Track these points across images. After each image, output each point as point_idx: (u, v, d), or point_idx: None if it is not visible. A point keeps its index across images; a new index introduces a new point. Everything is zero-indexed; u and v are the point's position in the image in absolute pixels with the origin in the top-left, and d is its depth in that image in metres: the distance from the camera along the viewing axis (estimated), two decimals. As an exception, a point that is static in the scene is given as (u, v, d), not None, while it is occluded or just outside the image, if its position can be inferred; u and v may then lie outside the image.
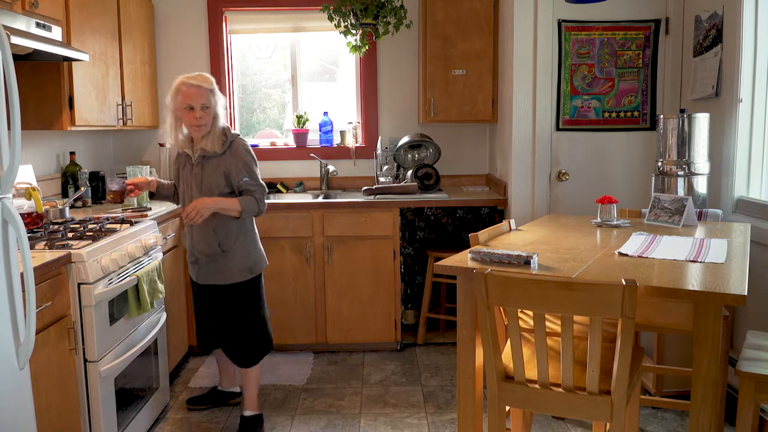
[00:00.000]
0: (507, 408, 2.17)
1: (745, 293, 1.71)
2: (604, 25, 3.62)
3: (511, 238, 2.54)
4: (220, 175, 2.79)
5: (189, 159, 2.86)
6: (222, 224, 2.83)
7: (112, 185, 3.08)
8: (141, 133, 4.42)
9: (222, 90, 4.39)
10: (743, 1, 2.92)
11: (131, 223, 2.94)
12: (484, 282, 1.83)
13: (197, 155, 2.81)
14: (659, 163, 3.12)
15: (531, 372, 1.90)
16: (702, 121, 3.00)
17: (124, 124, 3.67)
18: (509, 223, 2.74)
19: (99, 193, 3.84)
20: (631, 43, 3.63)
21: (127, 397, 2.69)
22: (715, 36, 3.16)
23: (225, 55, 4.42)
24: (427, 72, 4.09)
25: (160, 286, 2.93)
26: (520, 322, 1.98)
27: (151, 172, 3.84)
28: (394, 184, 4.04)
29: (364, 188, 4.05)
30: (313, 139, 4.54)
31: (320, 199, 4.01)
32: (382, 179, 4.23)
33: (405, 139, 4.27)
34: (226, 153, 2.80)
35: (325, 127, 4.49)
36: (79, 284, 2.37)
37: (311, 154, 4.43)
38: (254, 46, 4.63)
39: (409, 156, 4.43)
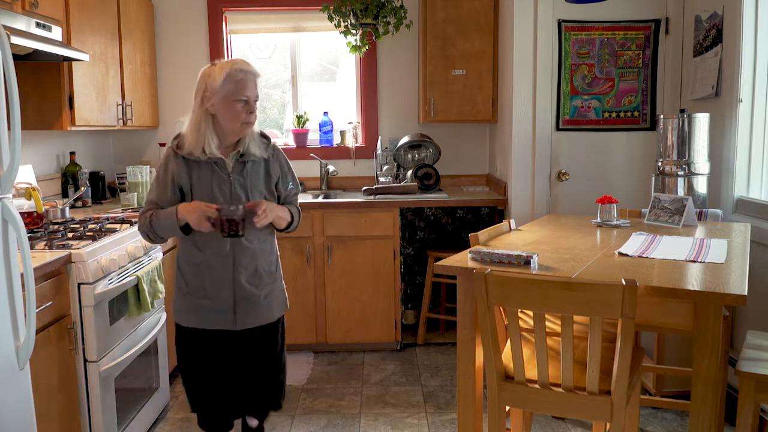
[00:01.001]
0: (507, 408, 2.17)
1: (745, 293, 1.71)
2: (604, 25, 3.62)
3: (511, 238, 2.54)
4: (270, 183, 2.32)
5: (215, 166, 2.21)
6: (273, 247, 2.40)
7: (235, 213, 2.11)
8: (141, 133, 4.42)
9: (222, 90, 4.42)
10: (743, 1, 2.92)
11: (131, 223, 2.94)
12: (484, 282, 1.83)
13: (234, 160, 2.24)
14: (659, 163, 3.12)
15: (531, 372, 1.90)
16: (702, 121, 3.00)
17: (124, 124, 3.67)
18: (509, 223, 2.74)
19: (99, 193, 3.84)
20: (631, 43, 3.63)
21: (127, 397, 2.69)
22: (715, 36, 3.16)
23: (225, 55, 4.41)
24: (427, 72, 4.09)
25: (161, 286, 2.93)
26: (520, 322, 1.98)
27: (151, 172, 3.84)
28: (394, 184, 4.03)
29: (364, 188, 4.05)
30: (313, 139, 4.54)
31: (320, 199, 4.01)
32: (382, 179, 4.23)
33: (405, 139, 4.27)
34: (270, 158, 2.32)
35: (325, 127, 4.49)
36: (79, 284, 2.37)
37: (311, 154, 4.43)
38: (254, 46, 4.63)
39: (409, 156, 4.43)
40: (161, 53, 4.37)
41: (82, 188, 3.52)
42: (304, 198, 4.19)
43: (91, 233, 2.64)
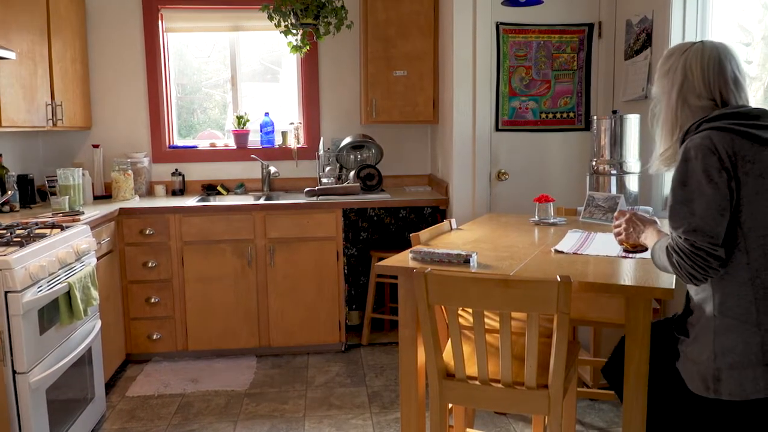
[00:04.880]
0: (449, 405, 2.20)
1: (673, 287, 1.79)
2: (540, 29, 3.71)
3: (452, 238, 2.57)
4: None
5: None
6: None
7: None
8: (72, 134, 4.26)
9: (159, 90, 4.31)
10: (672, 5, 3.04)
11: (62, 228, 2.83)
12: (424, 281, 1.84)
13: None
14: (593, 163, 3.22)
15: (471, 369, 1.92)
16: (633, 122, 3.11)
17: (54, 124, 3.52)
18: (450, 222, 2.77)
19: (27, 197, 3.68)
20: (566, 46, 3.73)
21: (61, 409, 2.59)
22: (645, 40, 3.28)
23: (161, 54, 4.30)
24: (368, 73, 4.09)
25: (94, 293, 2.83)
26: (461, 320, 2.01)
27: (84, 175, 3.70)
28: (337, 185, 4.02)
29: (307, 189, 4.02)
30: (254, 140, 4.48)
31: (262, 201, 3.95)
32: (324, 180, 4.21)
33: (347, 140, 4.26)
34: None
35: (266, 128, 4.43)
36: (6, 292, 2.26)
37: (252, 155, 4.37)
38: (192, 45, 4.53)
39: (352, 157, 4.42)
40: (94, 51, 4.22)
41: (10, 192, 3.37)
42: (245, 199, 4.13)
43: (19, 239, 2.52)
